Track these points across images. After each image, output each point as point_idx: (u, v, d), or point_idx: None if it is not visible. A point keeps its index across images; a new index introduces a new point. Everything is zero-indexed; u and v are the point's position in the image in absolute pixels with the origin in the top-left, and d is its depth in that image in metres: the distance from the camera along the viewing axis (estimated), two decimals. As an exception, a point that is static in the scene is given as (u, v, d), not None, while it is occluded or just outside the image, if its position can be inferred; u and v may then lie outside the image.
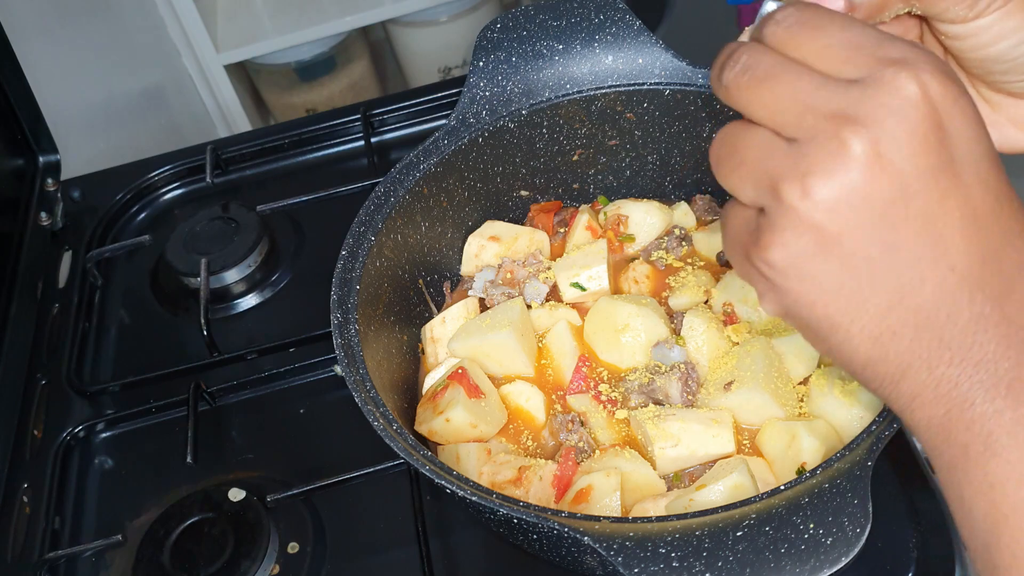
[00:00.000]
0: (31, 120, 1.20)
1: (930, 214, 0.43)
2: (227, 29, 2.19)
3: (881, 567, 0.72)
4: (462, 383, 0.79)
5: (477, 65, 0.90)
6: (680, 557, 0.55)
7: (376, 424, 0.68)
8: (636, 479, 0.75)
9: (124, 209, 1.21)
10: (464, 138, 0.88)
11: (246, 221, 1.10)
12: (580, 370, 0.83)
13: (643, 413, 0.78)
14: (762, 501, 0.58)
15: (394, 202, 0.84)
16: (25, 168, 1.21)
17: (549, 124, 0.91)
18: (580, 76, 0.90)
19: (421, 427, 0.80)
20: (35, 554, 0.88)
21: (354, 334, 0.75)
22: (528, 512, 0.62)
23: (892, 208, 0.43)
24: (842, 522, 0.55)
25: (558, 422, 0.81)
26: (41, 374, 1.03)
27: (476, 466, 0.77)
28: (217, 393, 0.98)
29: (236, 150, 1.23)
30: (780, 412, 0.77)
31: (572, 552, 0.69)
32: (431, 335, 0.88)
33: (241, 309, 1.08)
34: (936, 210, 0.43)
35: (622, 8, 0.90)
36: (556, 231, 0.96)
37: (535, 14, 0.90)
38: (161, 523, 0.85)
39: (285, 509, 0.86)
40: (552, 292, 0.90)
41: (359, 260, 0.80)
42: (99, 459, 0.97)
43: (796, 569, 0.54)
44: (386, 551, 0.84)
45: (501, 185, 0.94)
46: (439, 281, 0.93)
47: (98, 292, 1.12)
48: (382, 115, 1.22)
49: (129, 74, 1.82)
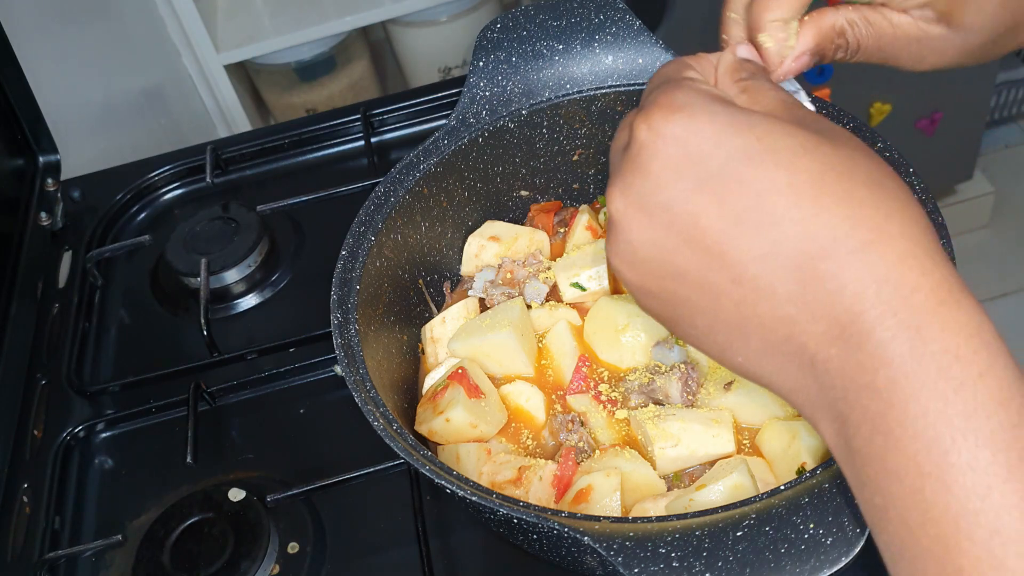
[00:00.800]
0: (31, 120, 1.20)
1: (696, 227, 0.47)
2: (227, 29, 2.19)
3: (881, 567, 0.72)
4: (462, 383, 0.79)
5: (477, 65, 0.90)
6: (680, 557, 0.55)
7: (376, 424, 0.68)
8: (636, 479, 0.75)
9: (124, 209, 1.21)
10: (464, 138, 0.88)
11: (246, 221, 1.11)
12: (580, 370, 0.83)
13: (643, 413, 0.78)
14: (762, 501, 0.58)
15: (394, 202, 0.84)
16: (25, 168, 1.21)
17: (549, 124, 0.91)
18: (580, 76, 0.90)
19: (421, 427, 0.80)
20: (35, 554, 0.88)
21: (354, 334, 0.75)
22: (528, 512, 0.62)
23: (672, 230, 0.48)
24: (842, 522, 0.55)
25: (558, 422, 0.81)
26: (41, 374, 1.03)
27: (476, 466, 0.77)
28: (217, 393, 0.98)
29: (236, 150, 1.23)
30: (780, 412, 0.77)
31: (572, 552, 0.69)
32: (431, 335, 0.88)
33: (241, 309, 1.08)
34: (703, 221, 0.46)
35: (622, 8, 0.90)
36: (556, 231, 0.96)
37: (535, 14, 0.90)
38: (161, 523, 0.85)
39: (285, 509, 0.86)
40: (552, 292, 0.90)
41: (359, 260, 0.80)
42: (99, 459, 0.97)
43: (796, 569, 0.54)
44: (386, 551, 0.84)
45: (501, 185, 0.94)
46: (439, 281, 0.93)
47: (98, 292, 1.12)
48: (382, 115, 1.22)
49: (129, 74, 1.82)
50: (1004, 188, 2.46)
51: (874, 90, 2.06)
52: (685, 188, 0.46)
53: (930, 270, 0.42)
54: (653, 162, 0.47)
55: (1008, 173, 2.53)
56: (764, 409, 0.77)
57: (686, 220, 0.47)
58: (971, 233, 2.46)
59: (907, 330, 0.41)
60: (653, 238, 0.48)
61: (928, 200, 0.73)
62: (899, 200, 0.44)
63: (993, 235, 2.47)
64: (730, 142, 0.46)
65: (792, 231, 0.44)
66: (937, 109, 2.16)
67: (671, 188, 0.47)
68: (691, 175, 0.46)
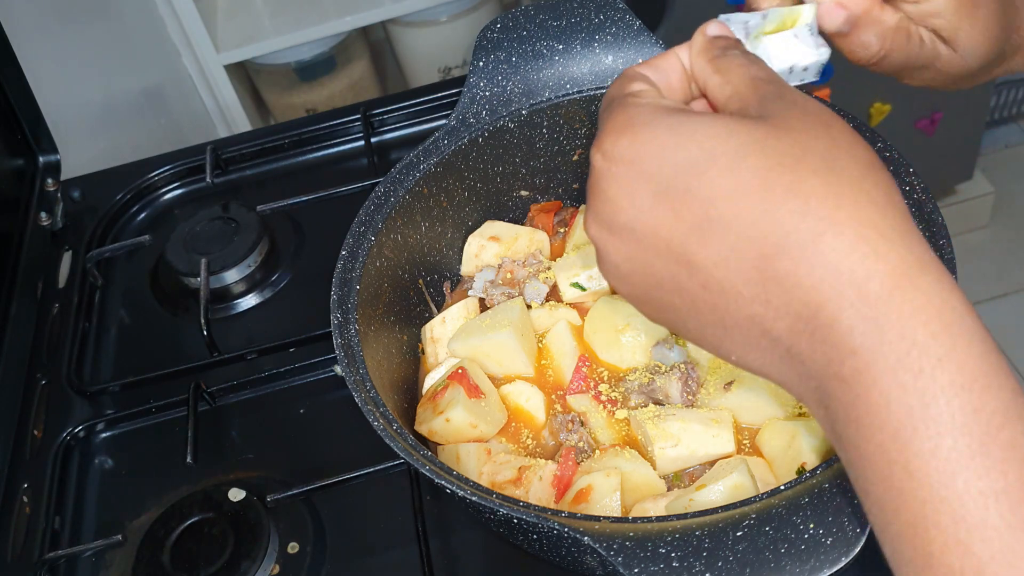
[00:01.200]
0: (31, 120, 1.20)
1: (660, 239, 0.48)
2: (227, 29, 2.18)
3: (881, 567, 0.72)
4: (462, 383, 0.79)
5: (477, 65, 0.90)
6: (680, 557, 0.55)
7: (376, 424, 0.68)
8: (636, 479, 0.75)
9: (124, 209, 1.21)
10: (464, 138, 0.88)
11: (246, 221, 1.11)
12: (580, 370, 0.83)
13: (643, 413, 0.78)
14: (762, 501, 0.58)
15: (394, 202, 0.84)
16: (25, 168, 1.21)
17: (549, 124, 0.91)
18: (580, 76, 0.90)
19: (421, 427, 0.80)
20: (35, 554, 0.88)
21: (354, 334, 0.75)
22: (528, 512, 0.62)
23: (644, 250, 0.49)
24: (842, 522, 0.55)
25: (558, 422, 0.81)
26: (41, 374, 1.03)
27: (476, 466, 0.77)
28: (217, 393, 0.98)
29: (236, 150, 1.23)
30: (780, 412, 0.77)
31: (572, 552, 0.69)
32: (431, 335, 0.88)
33: (241, 309, 1.08)
34: (664, 233, 0.47)
35: (622, 8, 0.90)
36: (556, 231, 0.96)
37: (535, 14, 0.90)
38: (161, 523, 0.85)
39: (285, 509, 0.86)
40: (552, 292, 0.90)
41: (359, 260, 0.80)
42: (99, 459, 0.97)
43: (796, 569, 0.54)
44: (386, 551, 0.84)
45: (501, 185, 0.94)
46: (439, 281, 0.93)
47: (98, 292, 1.12)
48: (382, 115, 1.22)
49: (129, 74, 1.82)
50: (1004, 188, 2.46)
51: (874, 90, 2.06)
52: (642, 206, 0.48)
53: (884, 253, 0.42)
54: (611, 187, 0.49)
55: (1008, 173, 2.53)
56: (764, 409, 0.77)
57: (650, 235, 0.48)
58: (971, 233, 2.46)
59: (864, 320, 0.41)
60: (628, 255, 0.50)
61: (928, 200, 0.73)
62: (851, 180, 0.44)
63: (993, 235, 2.47)
64: (674, 156, 0.46)
65: (745, 234, 0.44)
66: (937, 109, 2.16)
67: (630, 208, 0.48)
68: (645, 192, 0.47)
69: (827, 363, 0.43)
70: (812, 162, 0.44)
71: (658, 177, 0.47)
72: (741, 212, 0.44)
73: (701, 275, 0.47)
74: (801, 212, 0.43)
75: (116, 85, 1.74)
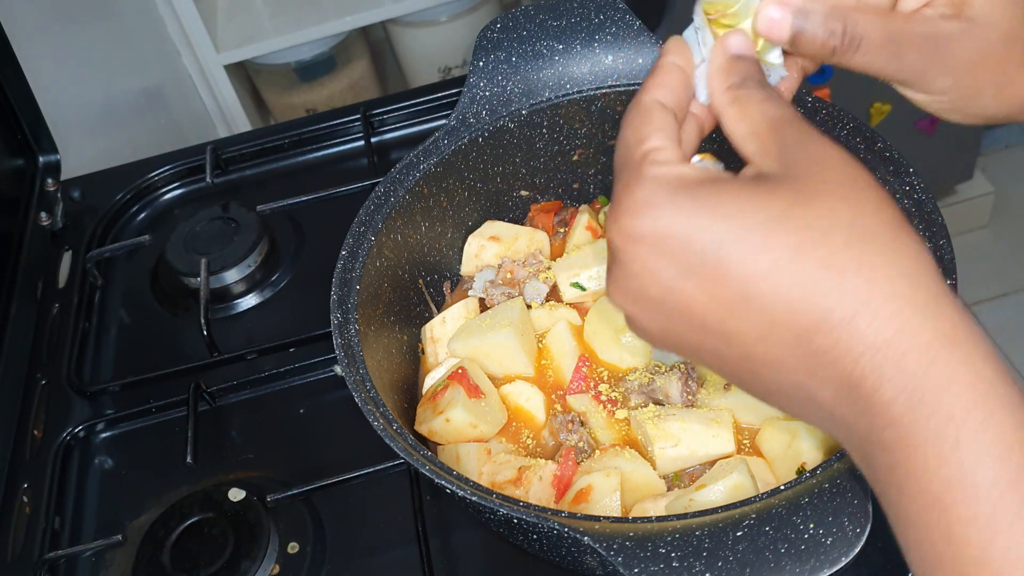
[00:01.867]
0: (31, 120, 1.20)
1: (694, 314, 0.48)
2: (227, 29, 2.18)
3: (881, 567, 0.72)
4: (462, 383, 0.79)
5: (477, 65, 0.90)
6: (680, 557, 0.55)
7: (376, 424, 0.68)
8: (636, 479, 0.75)
9: (124, 209, 1.21)
10: (464, 138, 0.88)
11: (246, 221, 1.10)
12: (580, 370, 0.83)
13: (643, 413, 0.78)
14: (762, 501, 0.58)
15: (394, 202, 0.84)
16: (25, 168, 1.21)
17: (549, 124, 0.91)
18: (580, 76, 0.90)
19: (421, 427, 0.80)
20: (35, 554, 0.88)
21: (354, 334, 0.75)
22: (528, 512, 0.62)
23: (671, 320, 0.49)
24: (842, 522, 0.55)
25: (558, 422, 0.81)
26: (41, 374, 1.03)
27: (476, 466, 0.77)
28: (217, 393, 0.98)
29: (236, 150, 1.23)
30: (780, 412, 0.77)
31: (572, 552, 0.69)
32: (431, 335, 0.88)
33: (241, 309, 1.08)
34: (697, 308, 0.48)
35: (622, 8, 0.90)
36: (556, 231, 0.96)
37: (535, 14, 0.90)
38: (161, 523, 0.85)
39: (285, 509, 0.86)
40: (552, 292, 0.90)
41: (359, 260, 0.80)
42: (99, 459, 0.97)
43: (796, 569, 0.54)
44: (386, 551, 0.84)
45: (501, 185, 0.94)
46: (439, 281, 0.93)
47: (98, 292, 1.12)
48: (382, 115, 1.22)
49: (129, 74, 1.82)
50: (1004, 188, 2.46)
51: (874, 90, 2.06)
52: (671, 285, 0.48)
53: (918, 329, 0.43)
54: (634, 264, 0.49)
55: (1008, 173, 2.52)
56: (764, 409, 0.77)
57: (683, 311, 0.48)
58: (971, 233, 2.46)
59: (902, 393, 0.43)
60: (661, 327, 0.50)
61: (928, 200, 0.73)
62: (882, 250, 0.44)
63: (993, 235, 2.46)
64: (701, 236, 0.46)
65: (782, 312, 0.45)
66: (937, 109, 2.15)
67: (656, 285, 0.48)
68: (672, 272, 0.47)
69: (869, 430, 0.44)
70: (842, 235, 0.44)
71: (685, 256, 0.47)
72: (778, 290, 0.45)
73: (741, 348, 0.47)
74: (838, 290, 0.44)
75: (116, 85, 1.74)
